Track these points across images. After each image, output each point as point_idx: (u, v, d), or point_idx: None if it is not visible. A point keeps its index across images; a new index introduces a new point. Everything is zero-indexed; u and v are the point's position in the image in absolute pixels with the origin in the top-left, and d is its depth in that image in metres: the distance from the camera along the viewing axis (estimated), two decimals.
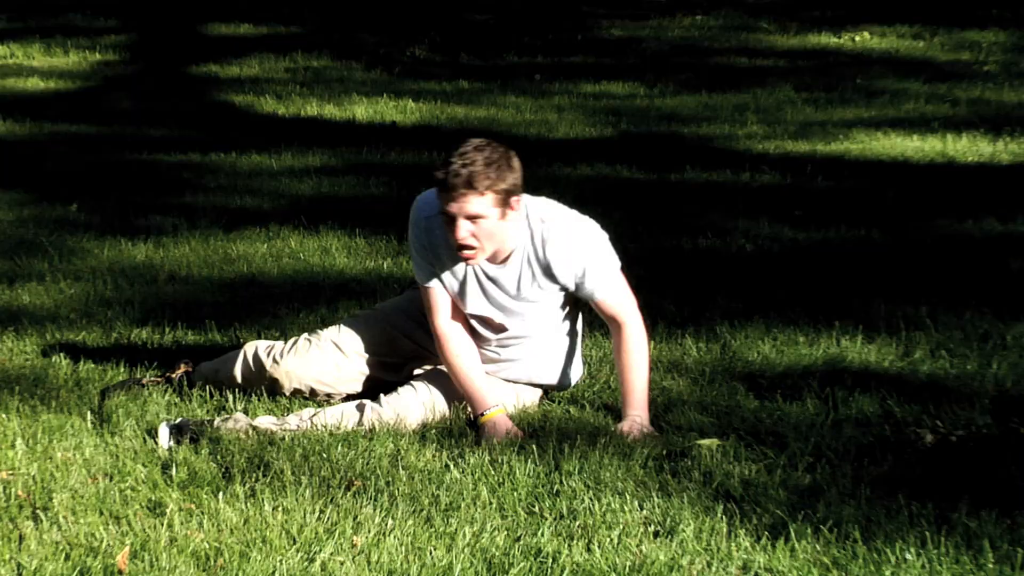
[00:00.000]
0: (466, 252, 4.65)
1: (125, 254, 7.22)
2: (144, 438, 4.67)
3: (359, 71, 13.68)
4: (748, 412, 4.84)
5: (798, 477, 4.29)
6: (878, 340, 5.56)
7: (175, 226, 7.77)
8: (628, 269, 4.94)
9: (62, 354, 5.59)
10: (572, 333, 5.03)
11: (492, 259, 4.76)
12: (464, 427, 4.75)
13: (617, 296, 4.83)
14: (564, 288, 4.82)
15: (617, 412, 4.88)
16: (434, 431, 4.70)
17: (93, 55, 14.50)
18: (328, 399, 5.07)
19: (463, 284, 4.82)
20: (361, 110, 11.57)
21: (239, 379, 5.09)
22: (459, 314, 4.88)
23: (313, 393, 5.06)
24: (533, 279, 4.78)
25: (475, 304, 4.85)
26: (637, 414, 4.76)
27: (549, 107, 11.65)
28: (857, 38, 14.77)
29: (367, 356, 5.06)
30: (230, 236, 7.54)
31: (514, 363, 4.97)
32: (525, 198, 4.74)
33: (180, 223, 7.82)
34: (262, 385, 5.07)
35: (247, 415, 4.85)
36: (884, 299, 6.06)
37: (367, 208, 8.18)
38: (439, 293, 4.84)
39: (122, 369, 5.44)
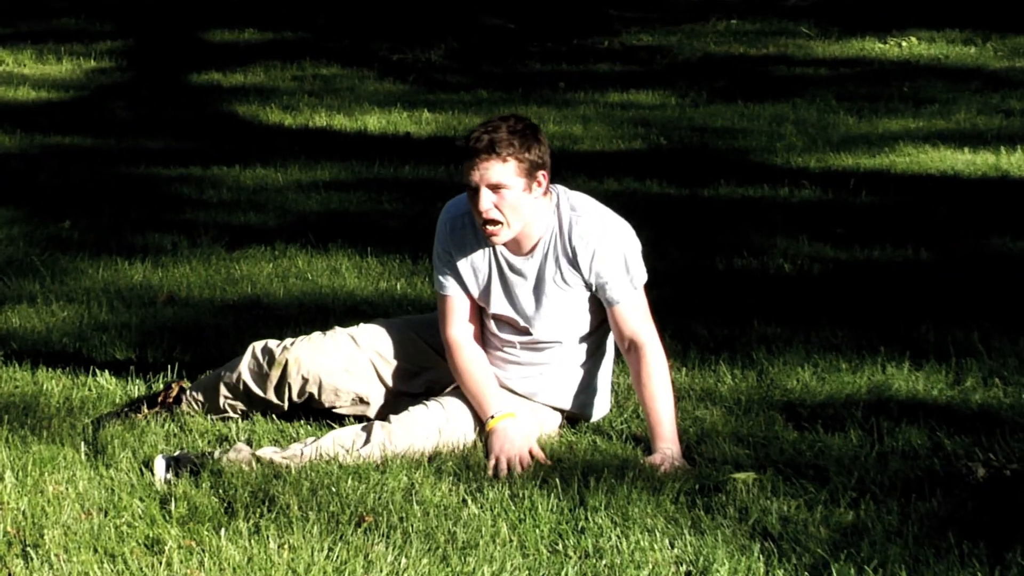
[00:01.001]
0: (490, 228, 4.77)
1: (121, 274, 7.24)
2: (141, 471, 4.68)
3: (371, 79, 13.72)
4: (787, 444, 4.83)
5: (840, 514, 4.28)
6: (926, 367, 5.55)
7: (174, 244, 7.79)
8: (658, 290, 4.95)
9: (54, 381, 5.60)
10: (598, 358, 5.05)
11: (517, 250, 4.88)
12: (482, 459, 4.75)
13: (639, 311, 4.87)
14: (587, 286, 4.88)
15: (647, 443, 4.87)
16: (451, 463, 4.70)
17: (88, 62, 14.57)
18: (334, 405, 5.10)
19: (488, 282, 4.94)
20: (373, 121, 11.61)
21: (246, 376, 5.12)
22: (473, 325, 5.00)
23: (320, 391, 5.07)
24: (557, 270, 4.88)
25: (498, 303, 4.95)
26: (667, 446, 4.77)
27: (574, 118, 11.67)
28: (903, 44, 14.77)
29: (382, 356, 5.13)
30: (233, 255, 7.56)
31: (534, 371, 5.02)
32: (560, 188, 4.90)
33: (180, 241, 7.85)
34: (268, 384, 5.08)
35: (250, 446, 4.86)
36: (933, 323, 6.05)
37: (379, 225, 8.20)
38: (456, 300, 4.97)
39: (118, 397, 5.45)
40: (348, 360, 5.10)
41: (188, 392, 5.26)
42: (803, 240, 7.58)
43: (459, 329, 4.99)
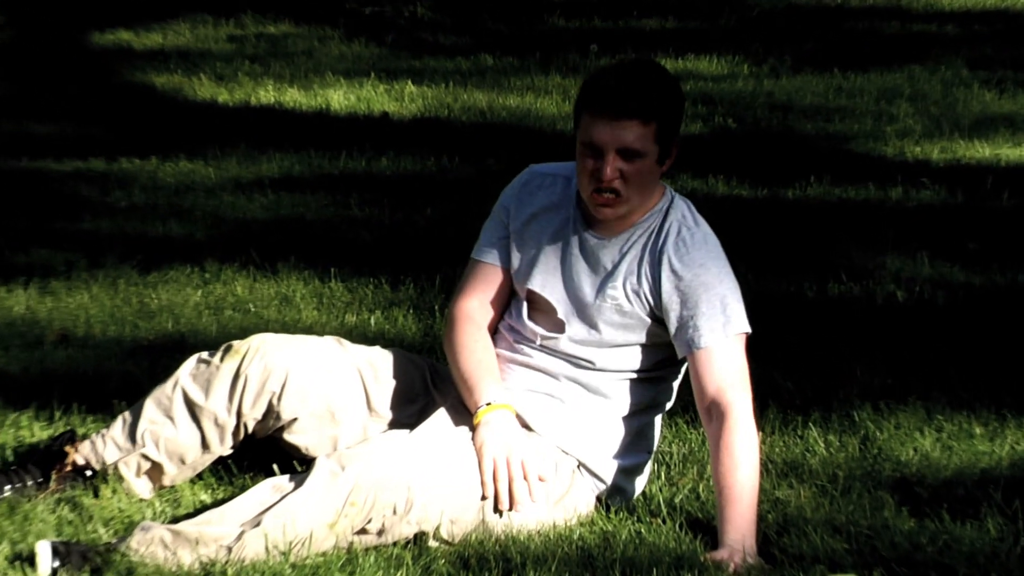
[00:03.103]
0: (605, 196, 4.91)
1: None
2: (24, 568, 4.70)
3: (335, 40, 13.78)
4: (900, 536, 4.84)
5: None
6: None
7: (69, 264, 7.82)
8: None
9: None
10: (633, 418, 5.14)
11: (605, 229, 5.04)
12: (484, 551, 4.76)
13: (729, 365, 4.93)
14: (653, 314, 5.00)
15: (710, 532, 4.89)
16: (443, 561, 4.71)
17: None
18: (295, 418, 5.14)
19: (539, 251, 5.12)
20: (338, 96, 11.65)
21: (185, 381, 5.19)
22: (492, 312, 5.22)
23: (282, 392, 5.13)
24: (634, 273, 5.01)
25: (545, 279, 5.11)
26: (738, 537, 4.78)
27: None
28: None
29: (373, 366, 5.27)
30: (148, 279, 7.58)
31: (546, 385, 5.12)
32: (678, 194, 5.10)
33: (76, 260, 7.87)
34: (216, 383, 5.14)
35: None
36: None
37: (347, 238, 8.22)
38: (489, 271, 5.21)
39: None
40: (328, 358, 5.22)
41: (95, 435, 5.29)
42: (922, 258, 7.60)
43: (475, 305, 5.21)
